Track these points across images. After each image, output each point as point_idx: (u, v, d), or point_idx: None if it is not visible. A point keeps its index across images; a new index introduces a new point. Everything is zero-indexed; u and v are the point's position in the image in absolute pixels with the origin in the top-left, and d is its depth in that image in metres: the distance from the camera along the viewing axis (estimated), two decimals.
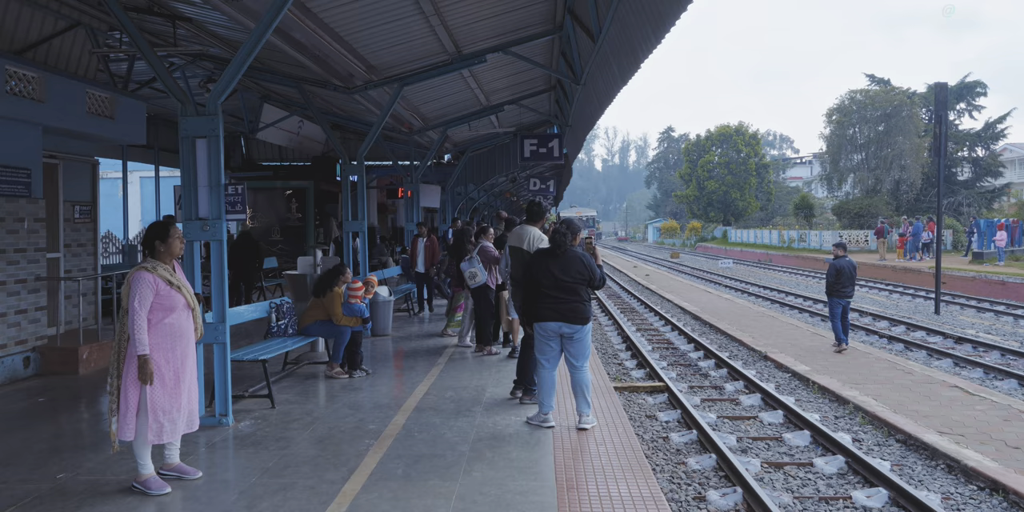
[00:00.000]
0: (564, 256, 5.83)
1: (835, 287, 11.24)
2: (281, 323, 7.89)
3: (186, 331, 4.64)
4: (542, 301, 5.84)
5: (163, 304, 4.52)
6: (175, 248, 4.65)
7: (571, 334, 5.84)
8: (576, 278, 5.80)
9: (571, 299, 5.80)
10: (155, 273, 4.51)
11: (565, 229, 5.89)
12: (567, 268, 5.80)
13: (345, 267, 8.07)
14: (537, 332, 5.94)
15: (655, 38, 5.99)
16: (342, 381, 7.81)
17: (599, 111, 10.48)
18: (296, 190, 18.38)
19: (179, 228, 4.71)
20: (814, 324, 15.75)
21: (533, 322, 5.94)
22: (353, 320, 7.86)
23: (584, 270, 5.82)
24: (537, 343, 6.01)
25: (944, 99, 15.96)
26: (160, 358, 4.51)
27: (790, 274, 32.09)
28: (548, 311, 5.82)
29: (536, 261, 5.97)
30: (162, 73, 5.91)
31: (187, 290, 4.65)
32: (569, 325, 5.81)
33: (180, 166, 5.96)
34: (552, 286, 5.79)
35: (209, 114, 5.88)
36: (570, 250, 5.86)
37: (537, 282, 5.86)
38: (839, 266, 11.22)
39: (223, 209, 5.92)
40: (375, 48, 9.52)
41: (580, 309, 5.82)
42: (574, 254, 5.86)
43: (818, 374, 9.91)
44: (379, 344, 10.27)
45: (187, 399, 4.65)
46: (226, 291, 5.95)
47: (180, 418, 4.60)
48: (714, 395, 9.44)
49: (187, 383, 4.65)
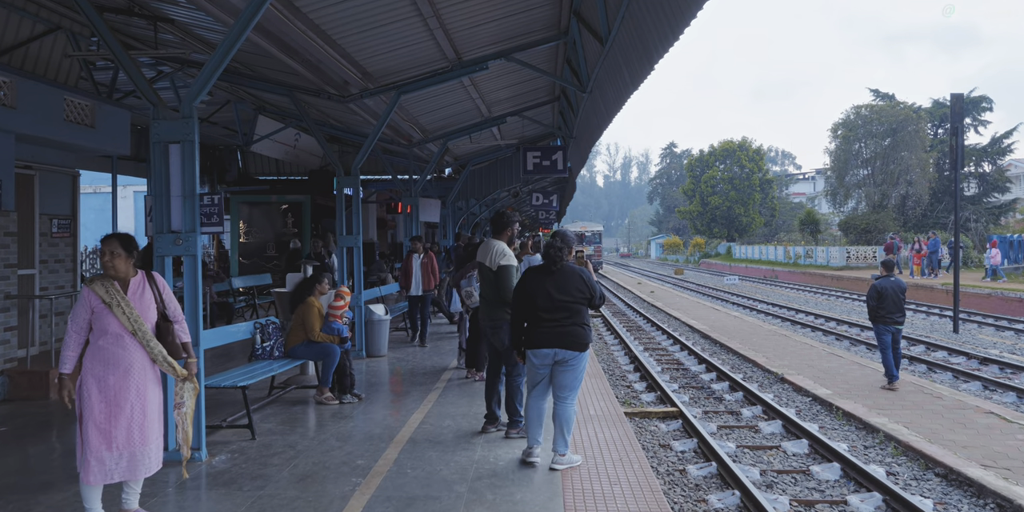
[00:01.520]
0: (560, 273, 5.19)
1: (878, 312, 9.66)
2: (266, 345, 7.32)
3: (122, 360, 4.06)
4: (537, 325, 5.17)
5: (96, 324, 4.01)
6: (102, 263, 4.12)
7: (566, 361, 5.15)
8: (576, 297, 5.15)
9: (570, 322, 5.13)
10: (91, 287, 3.98)
11: (560, 243, 5.25)
12: (564, 286, 5.14)
13: (323, 275, 7.50)
14: (530, 360, 5.29)
15: (672, 34, 5.48)
16: (332, 408, 7.23)
17: (606, 121, 9.99)
18: (292, 204, 17.88)
19: (115, 240, 4.15)
20: (828, 343, 15.14)
21: (526, 348, 5.28)
22: (330, 338, 7.28)
23: (584, 288, 5.17)
24: (529, 372, 5.37)
25: (961, 110, 15.47)
26: (92, 387, 3.98)
27: (798, 291, 31.48)
28: (544, 336, 5.14)
29: (529, 279, 5.29)
30: (132, 71, 5.40)
31: (128, 313, 4.07)
32: (566, 351, 5.13)
33: (151, 174, 5.43)
34: (548, 307, 5.12)
35: (184, 117, 5.36)
36: (566, 266, 5.23)
37: (530, 303, 5.19)
38: (882, 288, 9.62)
39: (198, 221, 5.38)
40: (370, 53, 9.04)
41: (580, 333, 5.16)
42: (571, 270, 5.22)
43: (841, 398, 9.30)
44: (373, 366, 9.69)
45: (126, 439, 4.05)
46: (199, 312, 5.39)
47: (113, 459, 4.00)
48: (731, 421, 8.83)
49: (126, 421, 4.05)
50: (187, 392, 4.45)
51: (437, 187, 20.18)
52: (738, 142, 68.93)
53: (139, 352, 4.15)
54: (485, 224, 29.56)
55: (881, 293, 9.62)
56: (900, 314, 9.64)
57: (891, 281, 9.69)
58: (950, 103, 15.63)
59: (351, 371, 7.58)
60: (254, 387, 7.63)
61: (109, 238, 4.20)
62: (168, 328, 4.30)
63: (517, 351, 5.40)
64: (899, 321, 9.64)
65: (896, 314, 9.61)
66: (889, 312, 9.60)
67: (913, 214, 44.46)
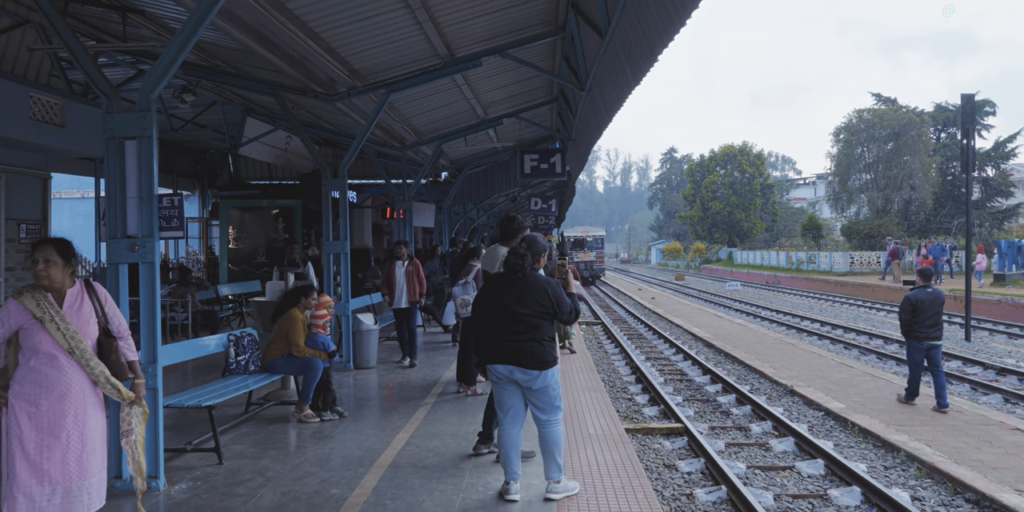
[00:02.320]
0: (521, 282, 4.64)
1: (912, 326, 8.72)
2: (241, 359, 6.81)
3: (57, 383, 3.57)
4: (493, 338, 4.65)
5: (26, 343, 3.51)
6: (34, 272, 3.62)
7: (526, 382, 4.61)
8: (535, 311, 4.58)
9: (525, 337, 4.57)
10: (20, 300, 3.48)
11: (524, 249, 4.72)
12: (523, 297, 4.59)
13: (313, 289, 7.00)
14: (491, 376, 4.77)
15: (678, 19, 5.00)
16: (311, 426, 6.71)
17: (606, 120, 9.51)
18: (283, 209, 17.38)
19: (49, 246, 3.64)
20: (837, 352, 14.61)
21: (483, 364, 4.79)
22: (316, 352, 6.76)
23: (546, 300, 4.59)
24: (494, 390, 4.84)
25: (972, 111, 15.00)
26: (21, 413, 3.49)
27: (801, 297, 30.95)
28: (499, 351, 4.61)
29: (487, 288, 4.78)
30: (80, 57, 4.90)
31: (64, 329, 3.56)
32: (523, 370, 4.58)
33: (106, 174, 4.93)
34: (504, 319, 4.60)
35: (140, 110, 4.86)
36: (530, 275, 4.67)
37: (488, 313, 4.69)
38: (917, 299, 8.68)
39: (156, 225, 4.88)
40: (357, 49, 8.56)
41: (536, 350, 4.58)
42: (534, 280, 4.65)
43: (855, 413, 8.78)
44: (360, 378, 9.17)
45: (61, 472, 3.55)
46: (158, 325, 4.88)
47: (45, 496, 3.50)
48: (740, 438, 8.30)
49: (60, 452, 3.55)
50: (135, 417, 3.94)
51: (433, 191, 19.70)
52: (739, 147, 68.48)
53: (77, 373, 3.65)
54: (483, 230, 29.07)
55: (916, 306, 8.69)
56: (937, 330, 8.71)
57: (928, 293, 8.71)
58: (961, 104, 15.16)
59: (332, 386, 7.06)
60: (229, 403, 7.12)
61: (43, 244, 3.70)
62: (111, 345, 3.79)
63: (479, 366, 4.88)
64: (935, 337, 8.71)
65: (932, 330, 8.68)
66: (925, 327, 8.66)
67: (917, 219, 43.98)
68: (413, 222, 15.20)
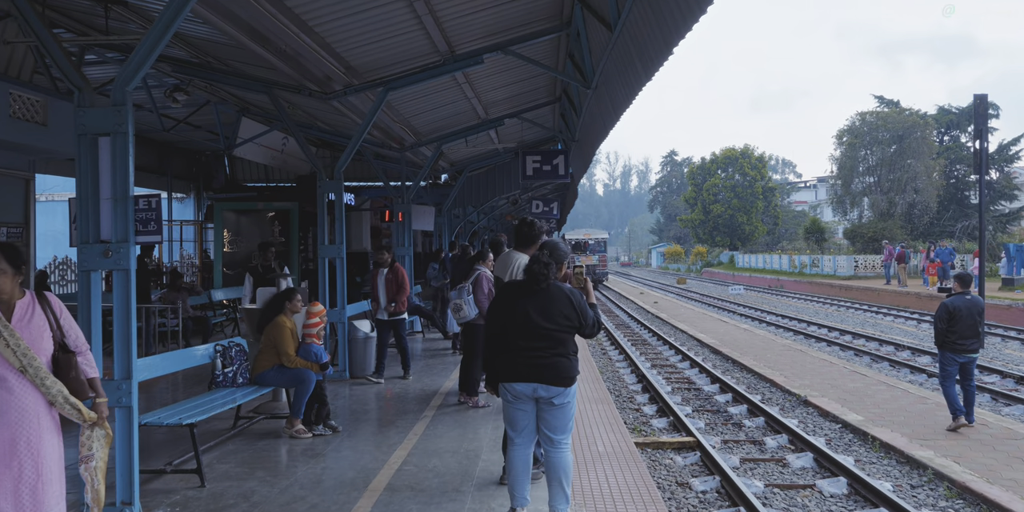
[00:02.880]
0: (544, 293, 4.23)
1: (947, 336, 7.99)
2: (228, 370, 6.42)
3: (8, 406, 3.18)
4: (512, 354, 4.23)
5: None
6: None
7: (549, 399, 4.21)
8: (561, 324, 4.19)
9: (551, 352, 4.19)
10: None
11: (548, 257, 4.29)
12: (548, 309, 4.18)
13: (296, 292, 6.60)
14: (504, 396, 4.34)
15: (698, 7, 4.62)
16: (303, 442, 6.32)
17: (613, 120, 9.13)
18: (279, 212, 16.99)
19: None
20: (848, 359, 14.21)
21: (498, 382, 4.34)
22: (308, 364, 6.37)
23: (572, 313, 4.21)
24: (506, 411, 4.39)
25: (985, 111, 14.64)
26: None
27: (806, 301, 30.56)
28: (520, 368, 4.20)
29: (504, 299, 4.34)
30: (51, 47, 4.52)
31: (14, 345, 3.17)
32: (548, 387, 4.19)
33: (77, 173, 4.55)
34: (525, 333, 4.19)
35: (115, 104, 4.48)
36: (553, 285, 4.26)
37: (505, 327, 4.26)
38: (955, 308, 7.94)
39: (131, 229, 4.50)
40: (353, 44, 8.18)
41: (564, 366, 4.20)
42: (558, 290, 4.24)
43: (874, 426, 8.38)
44: (357, 389, 8.78)
45: (14, 505, 3.16)
46: (133, 337, 4.49)
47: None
48: (754, 453, 7.90)
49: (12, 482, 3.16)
50: (96, 441, 3.55)
51: (433, 194, 19.31)
52: (740, 149, 68.13)
53: (30, 394, 3.26)
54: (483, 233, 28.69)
55: (953, 314, 7.93)
56: (975, 340, 7.98)
57: (967, 300, 8.00)
58: (973, 104, 14.78)
59: (327, 399, 6.67)
60: (218, 416, 6.72)
61: None
62: (69, 361, 3.40)
63: (490, 384, 4.46)
64: (973, 349, 7.99)
65: (970, 341, 7.95)
66: (962, 338, 7.93)
67: (920, 222, 43.60)
68: (412, 225, 14.80)
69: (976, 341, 7.99)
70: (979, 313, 8.01)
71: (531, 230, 5.40)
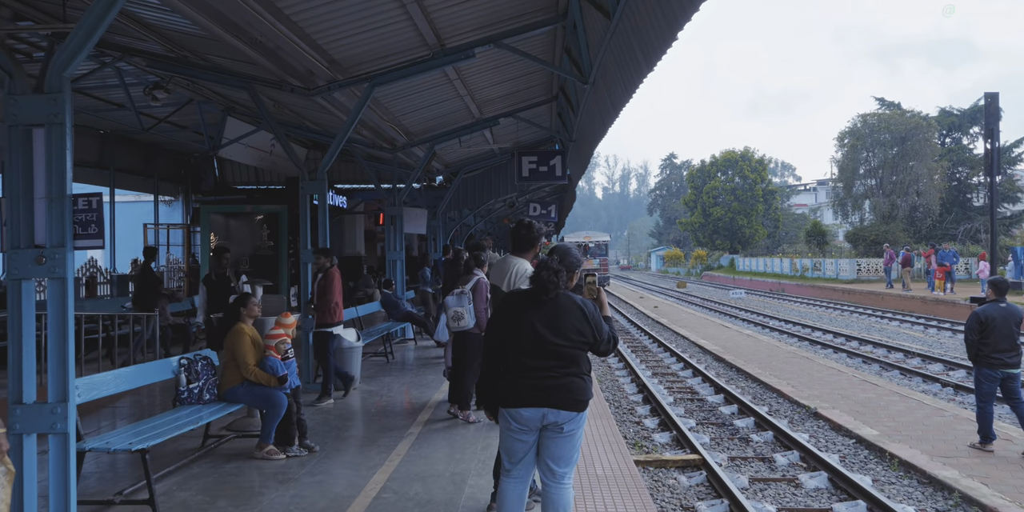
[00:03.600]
0: (553, 304, 3.70)
1: (980, 349, 7.27)
2: (194, 387, 5.90)
3: None
4: (516, 375, 3.68)
5: None
6: None
7: (559, 425, 3.66)
8: (573, 340, 3.65)
9: (563, 371, 3.65)
10: None
11: (557, 263, 3.76)
12: (557, 323, 3.65)
13: (250, 297, 6.09)
14: (504, 423, 3.77)
15: None
16: (275, 464, 5.80)
17: (612, 115, 8.64)
18: (268, 215, 16.47)
19: None
20: (856, 367, 13.70)
21: (498, 407, 3.79)
22: (267, 377, 5.84)
23: (585, 327, 3.67)
24: (504, 440, 3.81)
25: (996, 110, 14.19)
26: None
27: (809, 305, 30.04)
28: (526, 390, 3.64)
29: (508, 310, 3.79)
30: None
31: None
32: (558, 412, 3.64)
33: (5, 168, 4.04)
34: (532, 351, 3.64)
35: (50, 92, 3.98)
36: (563, 295, 3.74)
37: (509, 343, 3.71)
38: (987, 317, 7.24)
39: (69, 232, 3.99)
40: (335, 35, 7.69)
41: (577, 386, 3.66)
42: (569, 301, 3.72)
43: (891, 441, 7.86)
44: (340, 402, 8.26)
45: None
46: (70, 355, 3.98)
47: None
48: (764, 471, 7.38)
49: None
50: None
51: (427, 196, 18.81)
52: (740, 152, 67.68)
53: None
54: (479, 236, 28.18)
55: (986, 324, 7.23)
56: (1013, 353, 7.21)
57: (1001, 308, 7.28)
58: (984, 103, 14.34)
59: (301, 415, 6.15)
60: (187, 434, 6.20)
61: None
62: None
63: (487, 408, 3.92)
64: (1012, 363, 7.20)
65: (1008, 353, 7.19)
66: (997, 351, 7.19)
67: (923, 225, 43.12)
68: (404, 228, 14.30)
69: (1015, 354, 7.25)
70: (1016, 323, 7.30)
71: (530, 233, 4.82)
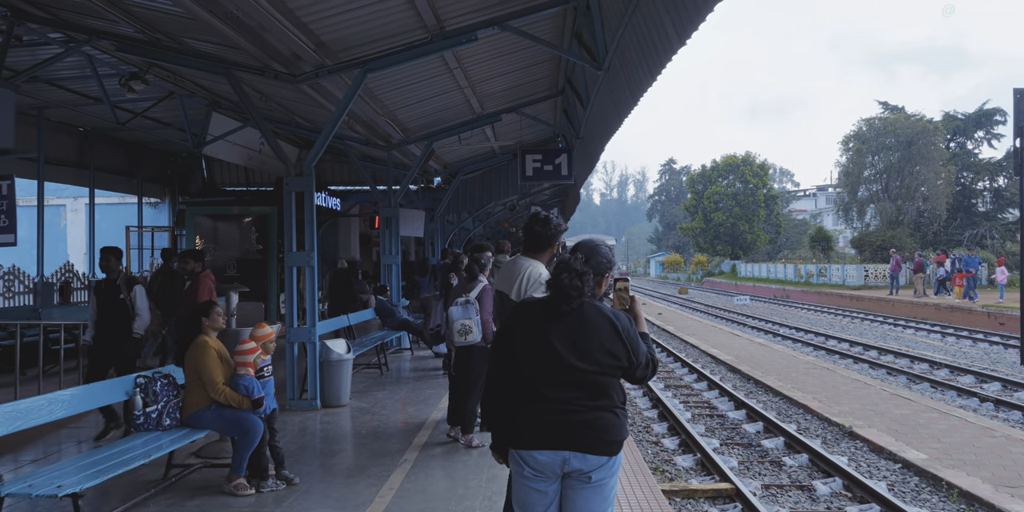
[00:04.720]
0: (577, 317, 2.80)
1: None
2: (151, 410, 5.05)
3: None
4: (531, 408, 2.80)
5: None
6: None
7: (586, 473, 2.77)
8: (603, 364, 2.75)
9: (590, 405, 2.75)
10: None
11: (582, 263, 2.85)
12: (583, 341, 2.75)
13: (214, 305, 5.25)
14: (516, 467, 2.87)
15: None
16: (246, 501, 4.96)
17: (630, 103, 7.82)
18: (257, 217, 15.66)
19: None
20: (882, 379, 12.88)
21: (508, 448, 2.89)
22: (239, 399, 4.99)
23: (619, 347, 2.77)
24: (517, 489, 2.89)
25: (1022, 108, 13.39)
26: None
27: (817, 312, 29.23)
28: (544, 428, 2.76)
29: (518, 326, 2.89)
30: None
31: None
32: (585, 456, 2.75)
33: None
34: (550, 377, 2.76)
35: None
36: (589, 305, 2.83)
37: (521, 368, 2.82)
38: None
39: None
40: (322, 13, 6.90)
41: (609, 424, 2.76)
42: (597, 314, 2.81)
43: (944, 467, 7.04)
44: (328, 421, 7.42)
45: None
46: None
47: None
48: (805, 502, 6.54)
49: None
50: None
51: (424, 198, 17.99)
52: (741, 157, 67.01)
53: None
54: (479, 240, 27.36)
55: None
56: None
57: None
58: (1014, 100, 13.56)
59: (276, 443, 5.30)
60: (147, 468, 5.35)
61: None
62: None
63: (494, 447, 3.02)
64: None
65: None
66: None
67: (929, 230, 42.41)
68: (400, 231, 13.48)
69: None
70: None
71: (546, 228, 3.88)
